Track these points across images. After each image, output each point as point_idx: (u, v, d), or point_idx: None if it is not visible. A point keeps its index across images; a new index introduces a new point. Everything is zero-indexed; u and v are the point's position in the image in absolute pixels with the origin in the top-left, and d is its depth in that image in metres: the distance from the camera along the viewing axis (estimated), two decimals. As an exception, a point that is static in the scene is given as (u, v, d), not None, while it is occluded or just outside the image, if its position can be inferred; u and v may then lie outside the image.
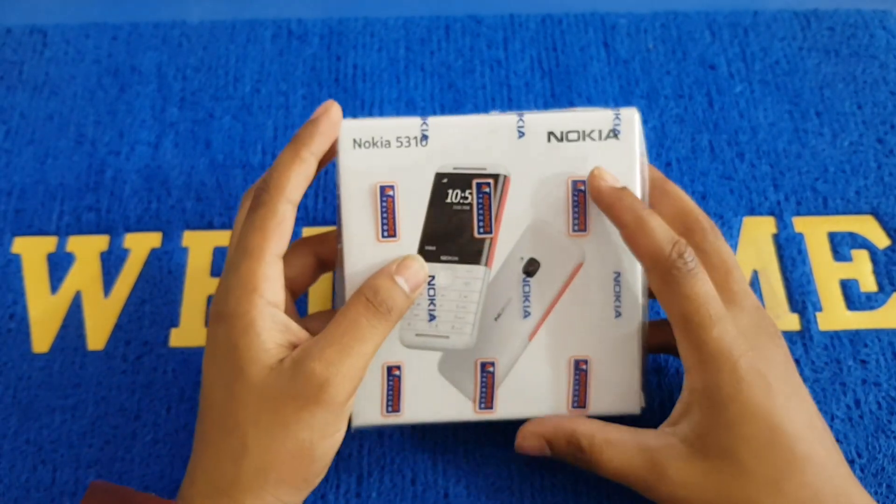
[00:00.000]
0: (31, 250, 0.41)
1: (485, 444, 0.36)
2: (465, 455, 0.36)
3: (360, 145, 0.33)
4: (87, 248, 0.41)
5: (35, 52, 0.47)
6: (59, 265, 0.40)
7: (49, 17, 0.49)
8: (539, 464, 0.35)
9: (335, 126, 0.32)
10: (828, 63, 0.47)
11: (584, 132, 0.33)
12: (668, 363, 0.38)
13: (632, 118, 0.33)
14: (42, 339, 0.38)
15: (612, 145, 0.33)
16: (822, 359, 0.38)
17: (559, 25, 0.48)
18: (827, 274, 0.40)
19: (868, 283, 0.40)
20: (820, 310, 0.39)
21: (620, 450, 0.31)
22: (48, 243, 0.41)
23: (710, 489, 0.29)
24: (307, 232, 0.41)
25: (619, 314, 0.33)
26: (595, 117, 0.33)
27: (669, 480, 0.30)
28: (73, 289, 0.40)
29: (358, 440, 0.36)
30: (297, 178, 0.31)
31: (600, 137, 0.33)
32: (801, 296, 0.39)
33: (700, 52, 0.47)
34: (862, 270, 0.40)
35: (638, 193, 0.33)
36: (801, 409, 0.29)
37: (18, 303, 0.39)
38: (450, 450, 0.36)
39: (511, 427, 0.36)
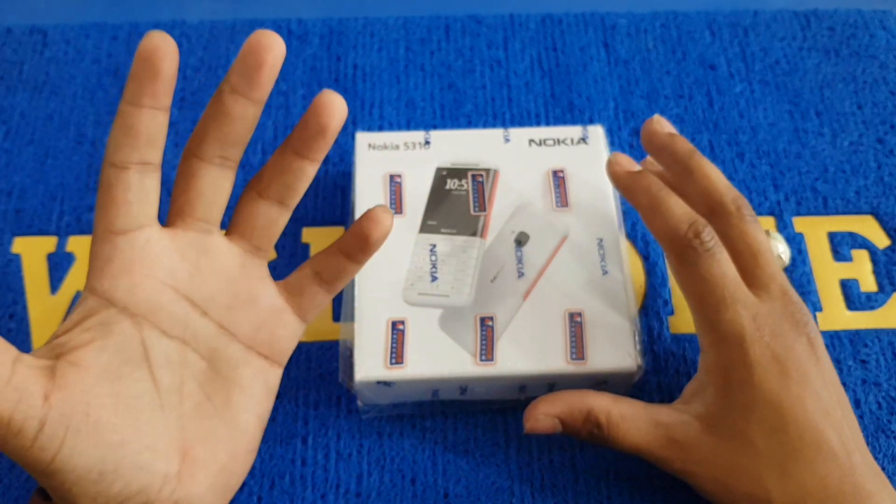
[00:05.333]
0: (31, 250, 0.41)
1: (485, 444, 0.36)
2: (465, 455, 0.36)
3: (373, 148, 0.39)
4: (87, 248, 0.41)
5: (35, 52, 0.47)
6: (59, 265, 0.40)
7: (49, 17, 0.49)
8: (539, 464, 0.35)
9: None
10: (828, 63, 0.47)
11: (558, 139, 0.39)
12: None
13: (597, 131, 0.39)
14: (42, 339, 0.38)
15: (583, 148, 0.39)
16: (822, 359, 0.38)
17: (559, 25, 0.48)
18: (827, 274, 0.40)
19: (868, 283, 0.40)
20: (820, 310, 0.39)
21: (636, 425, 0.30)
22: (48, 243, 0.41)
23: (721, 465, 0.29)
24: (307, 232, 0.41)
25: (605, 272, 0.36)
26: (567, 129, 0.39)
27: (683, 456, 0.30)
28: (73, 289, 0.40)
29: (358, 440, 0.36)
30: None
31: (572, 143, 0.39)
32: (801, 296, 0.39)
33: (700, 52, 0.47)
34: (862, 270, 0.40)
35: (610, 192, 0.37)
36: (816, 397, 0.29)
37: (18, 303, 0.39)
38: (450, 450, 0.36)
39: (511, 426, 0.36)
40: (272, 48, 0.26)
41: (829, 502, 0.28)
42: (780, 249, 0.35)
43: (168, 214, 0.29)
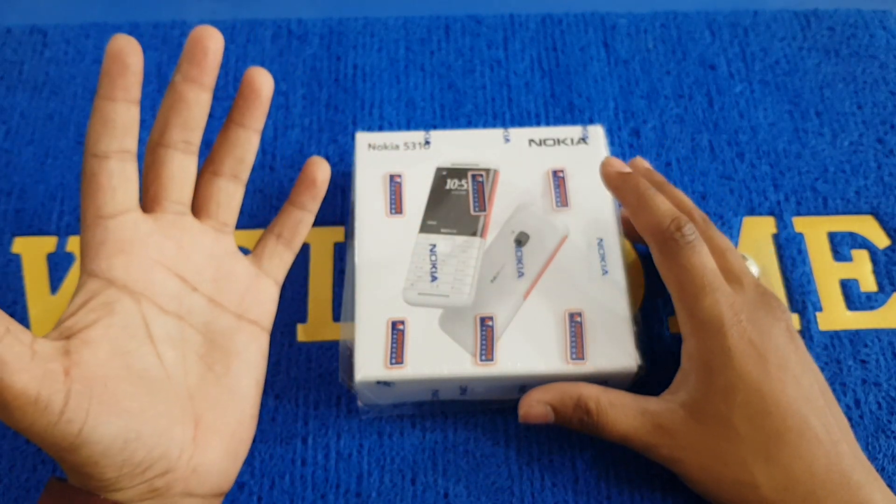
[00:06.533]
0: (31, 250, 0.41)
1: (485, 443, 0.36)
2: (465, 455, 0.36)
3: (373, 148, 0.39)
4: (87, 248, 0.41)
5: (35, 52, 0.47)
6: (59, 265, 0.40)
7: (49, 17, 0.49)
8: (539, 464, 0.35)
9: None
10: (828, 63, 0.47)
11: (558, 139, 0.39)
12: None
13: (597, 131, 0.39)
14: (42, 339, 0.38)
15: (583, 148, 0.39)
16: (822, 359, 0.38)
17: (559, 25, 0.48)
18: (827, 274, 0.40)
19: (868, 283, 0.40)
20: (820, 310, 0.39)
21: (623, 412, 0.32)
22: (48, 243, 0.41)
23: (706, 451, 0.30)
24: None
25: (605, 272, 0.36)
26: (567, 129, 0.39)
27: (670, 442, 0.31)
28: (73, 289, 0.39)
29: (358, 440, 0.36)
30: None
31: (572, 143, 0.39)
32: (801, 296, 0.39)
33: (700, 52, 0.47)
34: (862, 270, 0.40)
35: (609, 193, 0.37)
36: (796, 383, 0.30)
37: (18, 303, 0.39)
38: (450, 450, 0.36)
39: (511, 426, 0.36)
40: (212, 38, 0.29)
41: (817, 490, 0.28)
42: (752, 270, 0.36)
43: (143, 203, 0.31)
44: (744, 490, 0.29)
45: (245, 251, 0.33)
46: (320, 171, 0.33)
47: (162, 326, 0.29)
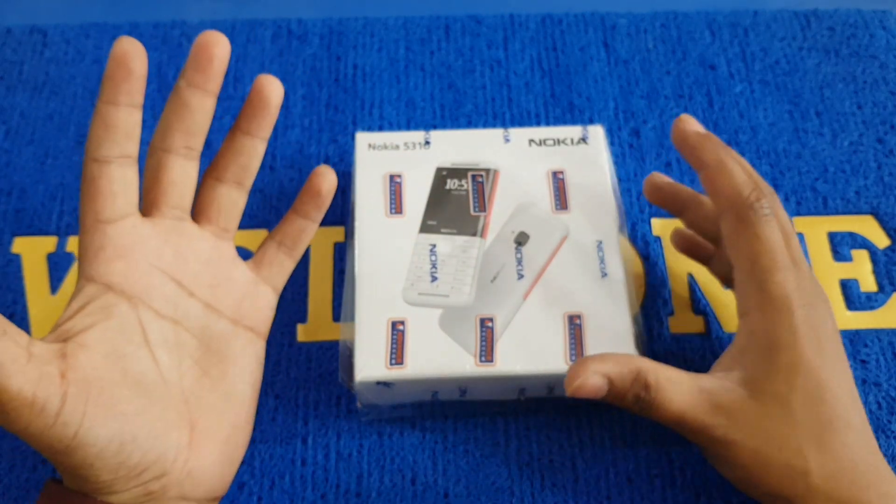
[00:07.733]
0: (31, 250, 0.41)
1: (485, 444, 0.36)
2: (465, 455, 0.36)
3: (373, 148, 0.39)
4: (87, 248, 0.41)
5: (35, 52, 0.47)
6: (59, 265, 0.40)
7: (49, 17, 0.49)
8: (539, 464, 0.35)
9: None
10: (828, 63, 0.47)
11: (558, 139, 0.39)
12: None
13: (597, 131, 0.39)
14: (42, 339, 0.38)
15: (583, 148, 0.39)
16: (822, 359, 0.38)
17: (559, 25, 0.48)
18: (827, 274, 0.40)
19: (868, 283, 0.40)
20: (820, 310, 0.39)
21: (681, 389, 0.30)
22: (48, 243, 0.41)
23: (762, 433, 0.29)
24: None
25: (605, 274, 0.36)
26: (567, 129, 0.39)
27: (726, 422, 0.30)
28: (72, 289, 0.39)
29: (358, 440, 0.36)
30: None
31: (572, 143, 0.39)
32: (801, 296, 0.39)
33: (700, 52, 0.47)
34: (862, 270, 0.40)
35: (609, 193, 0.37)
36: (844, 375, 0.30)
37: (18, 303, 0.39)
38: (450, 450, 0.36)
39: (511, 426, 0.36)
40: (219, 44, 0.29)
41: (859, 480, 0.28)
42: None
43: (143, 207, 0.31)
44: (793, 475, 0.29)
45: (244, 251, 0.33)
46: (326, 181, 0.33)
47: (158, 331, 0.29)
